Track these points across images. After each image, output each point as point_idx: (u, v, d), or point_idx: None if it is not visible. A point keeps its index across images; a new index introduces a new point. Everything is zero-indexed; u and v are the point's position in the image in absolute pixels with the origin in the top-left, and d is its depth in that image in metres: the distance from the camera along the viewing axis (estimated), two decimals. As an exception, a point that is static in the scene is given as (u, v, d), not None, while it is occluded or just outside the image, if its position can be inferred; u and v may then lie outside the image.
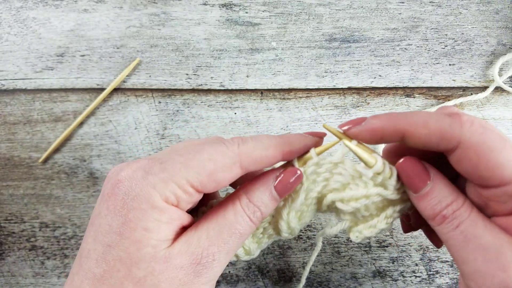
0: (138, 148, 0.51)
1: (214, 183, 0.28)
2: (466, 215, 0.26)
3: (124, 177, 0.27)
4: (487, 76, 0.50)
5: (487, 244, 0.25)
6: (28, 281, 0.52)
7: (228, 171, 0.28)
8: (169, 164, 0.27)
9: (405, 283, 0.50)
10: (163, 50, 0.50)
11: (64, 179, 0.51)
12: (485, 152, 0.25)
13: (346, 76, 0.50)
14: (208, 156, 0.28)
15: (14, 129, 0.51)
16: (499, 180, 0.25)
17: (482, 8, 0.49)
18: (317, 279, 0.51)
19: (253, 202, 0.29)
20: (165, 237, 0.27)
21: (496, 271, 0.24)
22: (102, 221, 0.27)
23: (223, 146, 0.29)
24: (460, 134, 0.26)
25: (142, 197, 0.26)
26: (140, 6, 0.50)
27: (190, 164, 0.27)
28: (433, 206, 0.27)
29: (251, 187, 0.30)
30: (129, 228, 0.26)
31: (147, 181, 0.26)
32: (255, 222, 0.29)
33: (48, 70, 0.51)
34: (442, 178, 0.28)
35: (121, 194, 0.26)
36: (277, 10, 0.49)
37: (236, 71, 0.50)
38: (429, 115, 0.27)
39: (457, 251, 0.26)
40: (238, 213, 0.29)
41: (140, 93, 0.51)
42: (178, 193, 0.27)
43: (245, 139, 0.30)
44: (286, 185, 0.30)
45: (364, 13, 0.49)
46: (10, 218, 0.52)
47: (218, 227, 0.28)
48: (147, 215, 0.26)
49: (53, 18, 0.50)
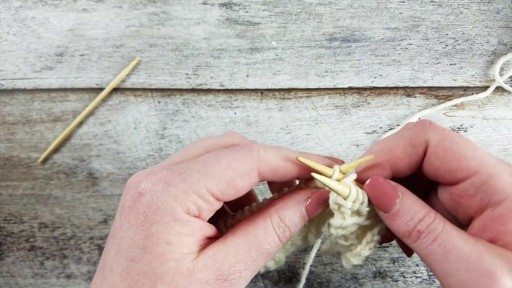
0: (138, 148, 0.51)
1: (233, 191, 0.28)
2: (441, 227, 0.26)
3: (144, 189, 0.27)
4: (488, 76, 0.49)
5: (467, 254, 0.25)
6: (27, 281, 0.52)
7: (247, 178, 0.28)
8: (188, 175, 0.27)
9: (406, 283, 0.49)
10: (163, 50, 0.50)
11: (63, 179, 0.51)
12: (450, 146, 0.27)
13: (347, 75, 0.50)
14: (226, 163, 0.27)
15: (13, 129, 0.51)
16: (466, 171, 0.27)
17: (483, 7, 0.49)
18: (317, 279, 0.50)
19: (284, 222, 0.29)
20: (189, 250, 0.27)
21: (482, 279, 0.24)
22: (124, 235, 0.27)
23: (241, 152, 0.28)
24: (426, 135, 0.28)
25: (164, 210, 0.26)
26: (139, 5, 0.50)
27: (209, 172, 0.27)
28: (406, 223, 0.28)
29: (282, 206, 0.30)
30: (152, 242, 0.26)
31: (168, 193, 0.26)
32: (283, 242, 0.29)
33: (47, 69, 0.50)
34: (411, 194, 0.29)
35: (142, 208, 0.26)
36: (277, 9, 0.49)
37: (236, 71, 0.50)
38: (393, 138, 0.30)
39: (439, 265, 0.26)
40: (269, 232, 0.28)
41: (139, 93, 0.51)
42: (199, 203, 0.27)
43: (266, 147, 0.29)
44: (316, 207, 0.30)
45: (364, 13, 0.49)
46: (9, 218, 0.52)
47: (248, 245, 0.28)
48: (169, 228, 0.26)
49: (52, 18, 0.50)
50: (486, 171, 0.26)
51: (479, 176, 0.26)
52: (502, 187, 0.26)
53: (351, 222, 0.30)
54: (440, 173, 0.28)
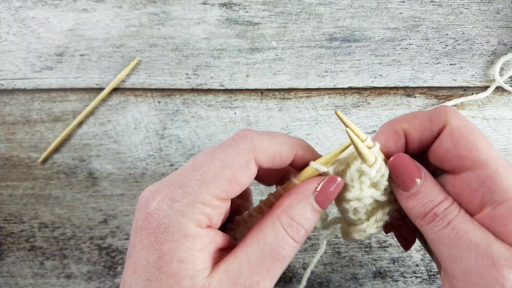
0: (138, 148, 0.51)
1: (237, 187, 0.27)
2: (456, 212, 0.26)
3: (151, 209, 0.27)
4: (488, 76, 0.49)
5: (478, 240, 0.25)
6: (27, 281, 0.52)
7: (246, 171, 0.27)
8: (189, 186, 0.26)
9: (406, 283, 0.49)
10: (163, 50, 0.50)
11: (63, 179, 0.51)
12: (467, 134, 0.27)
13: (347, 75, 0.50)
14: (221, 163, 0.27)
15: (13, 129, 0.51)
16: (475, 161, 0.26)
17: (483, 7, 0.48)
18: (317, 279, 0.50)
19: (296, 220, 0.27)
20: (202, 265, 0.26)
21: (487, 268, 0.24)
22: (138, 256, 0.27)
23: (234, 145, 0.28)
24: (446, 116, 0.28)
25: (173, 228, 0.26)
26: (139, 5, 0.50)
27: (207, 178, 0.26)
28: (424, 204, 0.27)
29: (290, 203, 0.28)
30: (165, 262, 0.26)
31: (174, 210, 0.26)
32: (300, 242, 0.28)
33: (47, 69, 0.50)
34: (432, 177, 0.28)
35: (152, 228, 0.26)
36: (277, 9, 0.49)
37: (236, 71, 0.50)
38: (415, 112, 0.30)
39: (448, 250, 0.26)
40: (280, 235, 0.27)
41: (139, 93, 0.51)
42: (207, 211, 0.26)
43: (259, 133, 0.28)
44: (327, 195, 0.28)
45: (364, 13, 0.49)
46: (9, 218, 0.52)
47: (260, 253, 0.26)
48: (181, 245, 0.26)
49: (52, 18, 0.50)
50: (494, 167, 0.26)
51: (485, 170, 0.26)
52: (506, 187, 0.25)
53: (368, 193, 0.29)
54: (448, 157, 0.27)
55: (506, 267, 0.24)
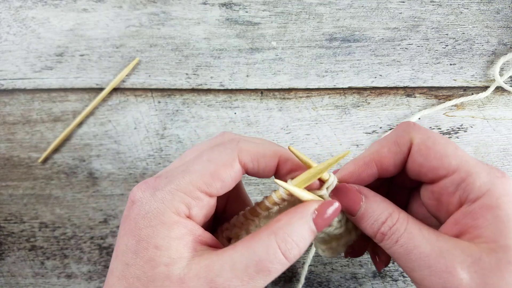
0: (138, 148, 0.51)
1: (219, 182, 0.28)
2: (403, 228, 0.28)
3: (135, 197, 0.28)
4: (488, 76, 0.49)
5: (427, 252, 0.26)
6: (27, 281, 0.52)
7: (229, 167, 0.28)
8: (173, 176, 0.28)
9: (405, 283, 0.50)
10: (163, 50, 0.50)
11: (63, 179, 0.51)
12: (433, 145, 0.29)
13: (347, 75, 0.50)
14: (207, 157, 0.28)
15: (13, 129, 0.51)
16: (447, 169, 0.28)
17: (483, 7, 0.48)
18: (317, 279, 0.51)
19: (291, 237, 0.27)
20: (179, 254, 0.26)
21: (441, 273, 0.26)
22: (120, 241, 0.28)
23: (221, 146, 0.29)
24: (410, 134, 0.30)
25: (151, 214, 0.27)
26: (139, 5, 0.50)
27: (191, 169, 0.28)
28: (371, 225, 0.29)
29: (288, 221, 0.28)
30: (142, 247, 0.26)
31: (155, 197, 0.27)
32: (291, 260, 0.27)
33: (47, 69, 0.50)
34: (375, 196, 0.30)
35: (133, 215, 0.27)
36: (277, 9, 0.49)
37: (236, 71, 0.50)
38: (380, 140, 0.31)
39: (403, 263, 0.28)
40: (271, 249, 0.26)
41: (139, 93, 0.51)
42: (187, 201, 0.27)
43: (248, 138, 0.30)
44: (326, 218, 0.28)
45: (364, 13, 0.49)
46: (10, 218, 0.52)
47: (246, 260, 0.26)
48: (157, 232, 0.26)
49: (52, 18, 0.50)
50: (466, 170, 0.28)
51: (458, 174, 0.28)
52: (479, 186, 0.27)
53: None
54: (423, 170, 0.29)
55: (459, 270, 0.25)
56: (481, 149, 0.50)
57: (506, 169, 0.50)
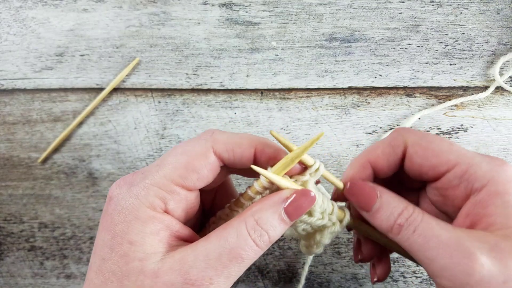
0: (138, 148, 0.51)
1: (194, 174, 0.28)
2: (420, 219, 0.28)
3: (113, 194, 0.28)
4: (487, 76, 0.49)
5: (446, 240, 0.27)
6: (27, 281, 0.52)
7: (204, 158, 0.28)
8: (148, 171, 0.28)
9: (406, 283, 0.49)
10: (163, 50, 0.50)
11: (63, 179, 0.51)
12: (428, 144, 0.30)
13: (347, 75, 0.50)
14: (181, 150, 0.28)
15: (13, 129, 0.51)
16: (447, 164, 0.29)
17: (482, 7, 0.49)
18: (317, 279, 0.50)
19: (260, 225, 0.27)
20: (153, 249, 0.26)
21: (461, 259, 0.26)
22: (98, 237, 0.28)
23: (195, 138, 0.29)
24: (404, 137, 0.30)
25: (126, 209, 0.27)
26: (139, 5, 0.50)
27: (165, 163, 0.28)
28: (387, 218, 0.29)
29: (258, 208, 0.28)
30: (116, 242, 0.27)
31: (131, 193, 0.27)
32: (262, 247, 0.27)
33: (47, 70, 0.51)
34: (389, 192, 0.30)
35: (110, 210, 0.28)
36: (277, 9, 0.49)
37: (236, 71, 0.50)
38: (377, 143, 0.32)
39: (422, 253, 0.27)
40: (242, 236, 0.27)
41: (139, 93, 0.51)
42: (162, 195, 0.27)
43: (222, 131, 0.30)
44: (297, 208, 0.28)
45: (364, 13, 0.49)
46: (9, 218, 0.52)
47: (218, 249, 0.26)
48: (132, 227, 0.26)
49: (52, 18, 0.50)
50: (466, 162, 0.28)
51: (459, 167, 0.29)
52: (482, 174, 0.28)
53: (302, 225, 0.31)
54: (424, 170, 0.30)
55: (479, 255, 0.25)
56: (481, 149, 0.50)
57: (507, 169, 0.50)
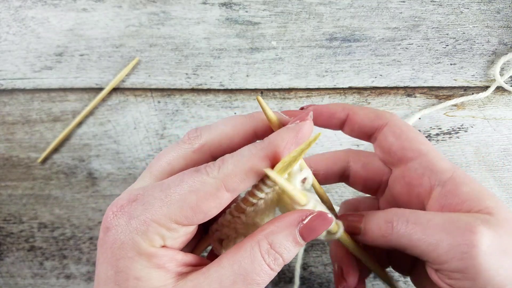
0: (137, 148, 0.50)
1: (201, 215, 0.26)
2: (408, 211, 0.29)
3: (110, 224, 0.26)
4: (488, 76, 0.49)
5: (441, 221, 0.27)
6: (26, 281, 0.52)
7: (213, 199, 0.26)
8: (151, 204, 0.26)
9: (406, 284, 0.49)
10: (163, 50, 0.50)
11: (63, 179, 0.51)
12: (406, 129, 0.32)
13: (347, 75, 0.49)
14: (188, 187, 0.26)
15: (13, 129, 0.51)
16: (416, 151, 0.31)
17: (483, 7, 0.48)
18: (317, 280, 0.50)
19: (275, 249, 0.26)
20: (161, 283, 0.26)
21: (463, 234, 0.26)
22: (100, 269, 0.27)
23: (203, 174, 0.26)
24: (388, 117, 0.32)
25: (127, 245, 0.25)
26: (139, 5, 0.49)
27: (171, 200, 0.26)
28: (377, 226, 0.30)
29: (272, 230, 0.27)
30: (122, 278, 0.25)
31: (130, 227, 0.26)
32: (276, 270, 0.26)
33: (47, 69, 0.50)
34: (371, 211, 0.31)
35: (109, 243, 0.26)
36: (277, 9, 0.49)
37: (236, 71, 0.50)
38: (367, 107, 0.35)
39: (424, 241, 0.27)
40: (256, 261, 0.26)
41: (139, 93, 0.50)
42: (161, 232, 0.26)
43: (225, 159, 0.27)
44: (313, 230, 0.27)
45: (364, 12, 0.49)
46: (9, 218, 0.52)
47: (233, 276, 0.25)
48: (135, 263, 0.25)
49: (52, 18, 0.50)
50: (432, 155, 0.31)
51: (426, 157, 0.30)
52: (446, 168, 0.30)
53: None
54: (393, 149, 0.32)
55: (478, 226, 0.26)
56: (482, 149, 0.49)
57: (507, 169, 0.50)
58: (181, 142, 0.29)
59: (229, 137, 0.29)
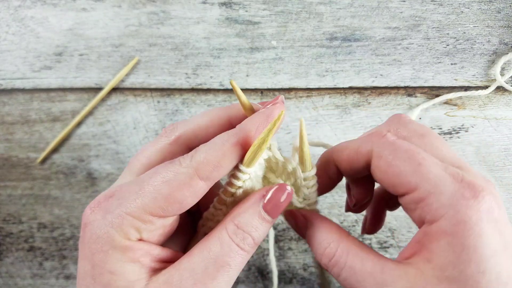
0: (137, 148, 0.50)
1: (176, 205, 0.26)
2: (343, 262, 0.27)
3: (88, 220, 0.27)
4: (489, 76, 0.49)
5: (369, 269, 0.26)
6: (26, 282, 0.52)
7: (187, 188, 0.26)
8: (125, 198, 0.26)
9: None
10: (162, 49, 0.50)
11: (62, 180, 0.51)
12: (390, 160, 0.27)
13: (347, 75, 0.49)
14: (161, 178, 0.26)
15: (12, 129, 0.51)
16: (406, 187, 0.26)
17: (483, 7, 0.48)
18: (317, 280, 0.50)
19: (242, 228, 0.26)
20: (136, 277, 0.26)
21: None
22: (79, 265, 0.27)
23: (176, 164, 0.27)
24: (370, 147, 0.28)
25: (102, 239, 0.26)
26: (139, 4, 0.49)
27: (144, 192, 0.26)
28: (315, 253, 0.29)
29: (237, 211, 0.27)
30: (97, 272, 0.26)
31: (105, 221, 0.26)
32: (247, 250, 0.27)
33: (46, 69, 0.50)
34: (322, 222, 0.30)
35: (86, 238, 0.26)
36: (277, 8, 0.49)
37: (236, 71, 0.50)
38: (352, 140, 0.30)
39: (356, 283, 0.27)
40: (225, 243, 0.26)
41: (138, 93, 0.50)
42: (137, 225, 0.26)
43: (198, 149, 0.27)
44: (276, 204, 0.27)
45: (365, 12, 0.49)
46: (8, 218, 0.52)
47: (203, 262, 0.25)
48: (110, 257, 0.25)
49: (51, 17, 0.50)
50: (426, 189, 0.26)
51: (417, 192, 0.26)
52: (436, 208, 0.25)
53: None
54: (384, 185, 0.28)
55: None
56: (482, 149, 0.49)
57: (508, 169, 0.49)
58: (158, 137, 0.30)
59: (204, 128, 0.29)
